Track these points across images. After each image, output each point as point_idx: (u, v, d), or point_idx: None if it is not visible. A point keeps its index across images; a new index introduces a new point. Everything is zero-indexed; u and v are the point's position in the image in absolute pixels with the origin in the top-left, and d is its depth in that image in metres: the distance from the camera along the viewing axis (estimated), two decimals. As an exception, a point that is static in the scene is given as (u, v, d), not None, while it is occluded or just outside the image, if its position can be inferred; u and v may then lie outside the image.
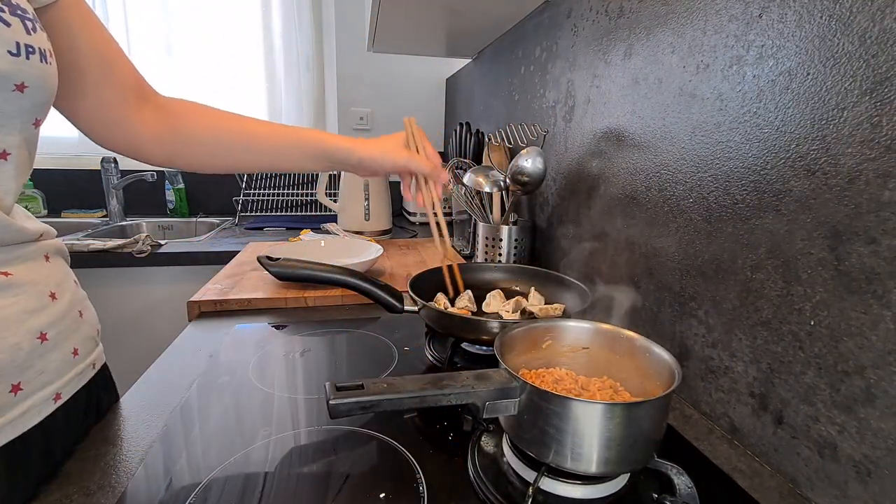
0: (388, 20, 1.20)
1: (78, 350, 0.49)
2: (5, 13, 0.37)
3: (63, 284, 0.49)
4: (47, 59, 0.41)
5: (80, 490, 0.42)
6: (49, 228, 0.49)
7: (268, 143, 0.61)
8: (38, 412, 0.43)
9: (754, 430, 0.49)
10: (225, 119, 0.60)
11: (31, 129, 0.42)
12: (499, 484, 0.43)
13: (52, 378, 0.45)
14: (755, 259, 0.48)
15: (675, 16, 0.59)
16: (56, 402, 0.45)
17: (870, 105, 0.37)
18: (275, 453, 0.47)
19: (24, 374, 0.42)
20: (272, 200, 1.91)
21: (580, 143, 0.85)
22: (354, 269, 0.68)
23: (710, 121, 0.54)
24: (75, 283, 0.52)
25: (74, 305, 0.50)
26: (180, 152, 0.59)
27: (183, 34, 1.78)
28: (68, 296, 0.49)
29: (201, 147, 0.59)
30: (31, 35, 0.39)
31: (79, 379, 0.49)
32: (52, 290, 0.46)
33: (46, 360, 0.44)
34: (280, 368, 0.65)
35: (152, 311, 1.37)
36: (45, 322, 0.44)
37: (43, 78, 0.40)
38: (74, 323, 0.49)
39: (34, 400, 0.43)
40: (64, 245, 0.52)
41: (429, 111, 2.03)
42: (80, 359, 0.49)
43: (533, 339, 0.53)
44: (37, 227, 0.46)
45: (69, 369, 0.47)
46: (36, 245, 0.46)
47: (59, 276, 0.49)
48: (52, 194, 1.79)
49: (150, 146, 0.57)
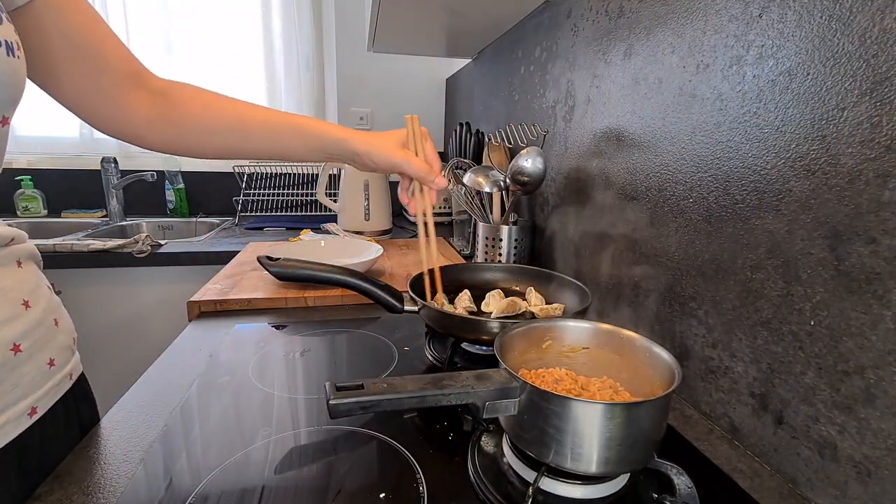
0: (388, 20, 1.20)
1: (54, 360, 0.47)
2: None
3: (37, 291, 0.46)
4: (15, 53, 0.38)
5: (81, 490, 0.42)
6: (21, 233, 0.47)
7: (264, 128, 0.59)
8: (14, 428, 0.41)
9: (754, 431, 0.49)
10: (221, 102, 0.58)
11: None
12: (499, 484, 0.43)
13: (26, 392, 0.42)
14: (755, 259, 0.48)
15: (675, 16, 0.59)
16: (32, 417, 0.43)
17: (870, 105, 0.37)
18: (275, 453, 0.47)
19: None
20: (272, 200, 1.91)
21: (580, 143, 0.85)
22: (354, 269, 0.68)
23: (710, 121, 0.54)
24: (49, 288, 0.50)
25: (49, 313, 0.47)
26: (175, 137, 0.57)
27: (183, 34, 1.79)
28: (42, 303, 0.46)
29: (196, 131, 0.57)
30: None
31: (55, 391, 0.47)
32: (24, 297, 0.44)
33: (20, 372, 0.42)
34: (280, 368, 0.65)
35: (152, 311, 1.37)
36: (19, 332, 0.42)
37: (9, 72, 0.38)
38: (49, 332, 0.46)
39: (8, 416, 0.40)
40: (37, 249, 0.50)
41: (429, 111, 2.03)
42: (56, 369, 0.47)
43: (533, 339, 0.53)
44: (7, 232, 0.44)
45: (45, 381, 0.45)
46: (7, 250, 0.44)
47: (33, 283, 0.46)
48: (52, 194, 1.79)
49: (144, 130, 0.55)
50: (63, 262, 1.24)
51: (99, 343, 1.33)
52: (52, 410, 0.46)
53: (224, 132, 0.58)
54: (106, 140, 1.80)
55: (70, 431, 0.49)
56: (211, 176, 1.89)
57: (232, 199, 1.84)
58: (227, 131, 0.58)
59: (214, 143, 0.58)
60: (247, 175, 1.85)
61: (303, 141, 0.59)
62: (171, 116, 0.56)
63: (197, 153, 0.59)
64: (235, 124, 0.58)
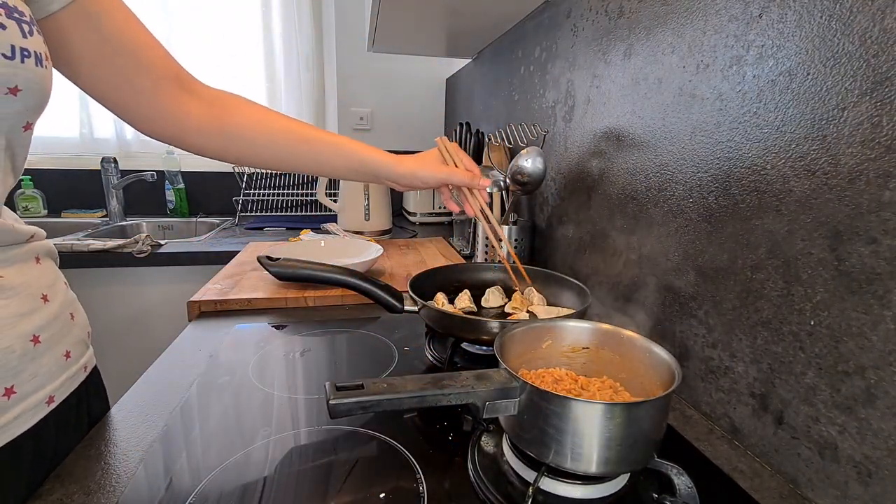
0: (388, 20, 1.20)
1: (70, 353, 0.49)
2: (1, 17, 0.36)
3: (54, 286, 0.48)
4: (43, 63, 0.40)
5: (81, 489, 0.42)
6: (39, 230, 0.49)
7: (314, 147, 0.63)
8: (32, 416, 0.43)
9: (755, 431, 0.49)
10: (271, 117, 0.61)
11: (19, 133, 0.41)
12: (499, 484, 0.43)
13: (44, 381, 0.44)
14: (755, 259, 0.48)
15: (674, 16, 0.59)
16: (49, 406, 0.45)
17: (870, 105, 0.37)
18: (275, 453, 0.47)
19: (17, 378, 0.41)
20: (272, 200, 1.91)
21: (580, 143, 0.85)
22: (354, 269, 0.68)
23: (710, 121, 0.54)
24: (65, 284, 0.52)
25: (66, 307, 0.49)
26: (226, 146, 0.60)
27: (183, 34, 1.78)
28: (60, 298, 0.49)
29: (247, 143, 0.60)
30: (26, 38, 0.38)
31: (71, 382, 0.49)
32: (43, 292, 0.46)
33: (39, 363, 0.44)
34: (280, 368, 0.65)
35: (152, 311, 1.37)
36: (38, 324, 0.44)
37: (37, 81, 0.40)
38: (66, 325, 0.49)
39: (27, 403, 0.42)
40: (54, 246, 0.52)
41: (429, 111, 2.03)
42: (72, 361, 0.49)
43: (533, 339, 0.53)
44: (27, 229, 0.46)
45: (61, 372, 0.47)
46: (27, 246, 0.46)
47: (51, 278, 0.48)
48: (52, 194, 1.79)
49: (195, 137, 0.58)
50: (63, 262, 1.23)
51: (99, 343, 1.32)
52: (66, 402, 0.48)
53: (273, 146, 0.61)
54: (106, 140, 1.80)
55: (81, 421, 0.51)
56: (211, 176, 1.88)
57: (232, 199, 1.84)
58: (276, 146, 0.61)
59: (263, 155, 0.62)
60: (247, 175, 1.85)
61: (349, 164, 0.64)
62: (224, 127, 0.59)
63: (245, 162, 0.64)
64: (286, 141, 0.62)
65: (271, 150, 0.62)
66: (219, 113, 0.58)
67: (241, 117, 0.60)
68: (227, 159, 0.62)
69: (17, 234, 0.44)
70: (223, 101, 0.59)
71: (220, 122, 0.58)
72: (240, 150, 0.61)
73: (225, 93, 0.60)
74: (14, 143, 0.42)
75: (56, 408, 0.46)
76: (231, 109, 0.59)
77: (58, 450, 0.46)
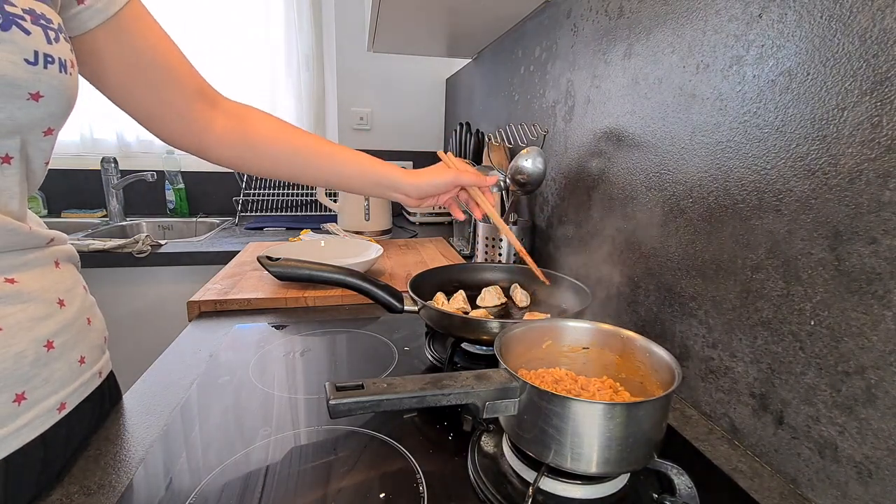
0: (388, 20, 1.20)
1: (85, 358, 0.48)
2: (26, 22, 0.37)
3: (72, 291, 0.48)
4: (67, 70, 0.40)
5: (81, 489, 0.42)
6: (60, 234, 0.48)
7: (333, 163, 0.65)
8: (42, 423, 0.42)
9: (755, 431, 0.49)
10: (291, 133, 0.63)
11: (39, 137, 0.41)
12: (499, 484, 0.43)
13: (56, 387, 0.44)
14: (755, 259, 0.48)
15: (674, 16, 0.59)
16: (60, 413, 0.44)
17: (870, 105, 0.37)
18: (275, 453, 0.47)
19: (29, 384, 0.41)
20: (272, 200, 1.91)
21: (580, 143, 0.85)
22: (354, 269, 0.68)
23: (710, 121, 0.54)
24: (84, 289, 0.52)
25: (83, 312, 0.49)
26: (248, 157, 0.62)
27: (183, 34, 1.78)
28: (77, 302, 0.48)
29: (269, 157, 0.62)
30: (51, 45, 0.38)
31: (84, 388, 0.48)
32: (60, 296, 0.45)
33: (52, 368, 0.43)
34: (280, 368, 0.65)
35: (152, 311, 1.37)
36: (53, 330, 0.43)
37: (60, 88, 0.40)
38: (82, 331, 0.48)
39: (38, 410, 0.42)
40: (75, 250, 0.52)
41: (429, 111, 2.03)
42: (86, 367, 0.48)
43: (533, 339, 0.53)
44: (46, 233, 0.46)
45: (75, 378, 0.46)
46: (47, 251, 0.46)
47: (69, 283, 0.48)
48: (52, 194, 1.79)
49: (218, 149, 0.60)
50: (63, 262, 1.25)
51: (99, 343, 1.33)
52: (79, 408, 0.47)
53: (291, 159, 0.63)
54: (106, 140, 1.80)
55: (93, 427, 0.50)
56: (211, 176, 1.88)
57: (232, 199, 1.85)
58: (297, 160, 0.64)
59: (281, 168, 0.64)
60: (247, 175, 1.85)
61: (366, 179, 0.66)
62: (246, 139, 0.61)
63: (262, 173, 0.65)
64: (305, 155, 0.64)
65: (291, 164, 0.63)
66: (241, 126, 0.60)
67: (263, 131, 0.62)
68: (246, 170, 0.64)
69: (37, 237, 0.44)
70: (244, 114, 0.62)
71: (242, 135, 0.60)
72: (261, 163, 0.63)
73: (244, 105, 0.63)
74: (38, 147, 0.42)
75: (68, 415, 0.45)
76: (253, 123, 0.61)
77: (68, 456, 0.46)
